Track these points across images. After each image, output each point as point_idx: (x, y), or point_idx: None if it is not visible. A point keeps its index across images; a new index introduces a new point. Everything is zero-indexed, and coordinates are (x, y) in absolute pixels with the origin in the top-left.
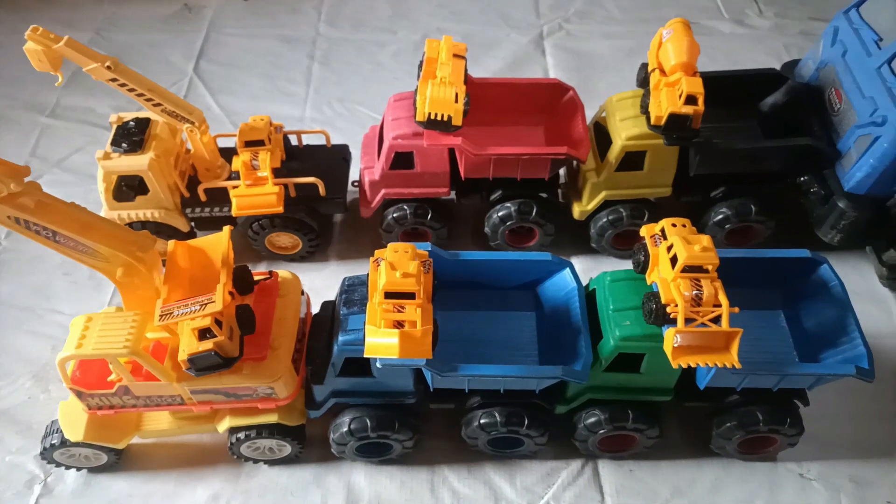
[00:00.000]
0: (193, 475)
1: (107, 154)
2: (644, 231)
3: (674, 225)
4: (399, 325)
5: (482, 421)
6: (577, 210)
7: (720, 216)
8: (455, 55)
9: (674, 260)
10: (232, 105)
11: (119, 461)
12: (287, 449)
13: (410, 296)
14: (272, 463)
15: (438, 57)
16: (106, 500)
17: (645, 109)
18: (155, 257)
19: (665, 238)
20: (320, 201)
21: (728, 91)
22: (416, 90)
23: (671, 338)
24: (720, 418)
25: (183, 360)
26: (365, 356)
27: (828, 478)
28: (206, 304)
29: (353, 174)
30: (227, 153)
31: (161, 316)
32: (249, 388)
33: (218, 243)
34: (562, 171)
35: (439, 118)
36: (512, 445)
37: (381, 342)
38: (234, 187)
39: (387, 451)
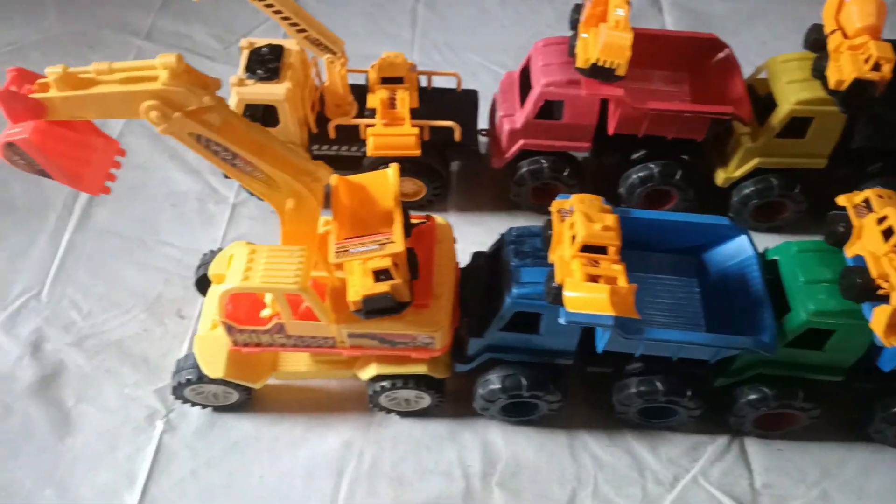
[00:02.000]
0: (322, 421)
1: (241, 80)
2: (844, 200)
3: (880, 196)
4: (593, 279)
5: (641, 388)
6: (722, 176)
7: None
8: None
9: (887, 233)
10: None
11: (249, 400)
12: (425, 401)
13: (601, 250)
14: (405, 414)
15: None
16: (230, 441)
17: (819, 73)
18: (322, 190)
19: (870, 209)
20: (454, 147)
21: None
22: (573, 35)
23: (885, 316)
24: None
25: (354, 301)
26: (569, 311)
27: None
28: (384, 244)
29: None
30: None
31: (337, 252)
32: (409, 335)
33: (380, 181)
34: None
35: (607, 65)
36: (661, 416)
37: (586, 297)
38: (369, 125)
39: (532, 411)
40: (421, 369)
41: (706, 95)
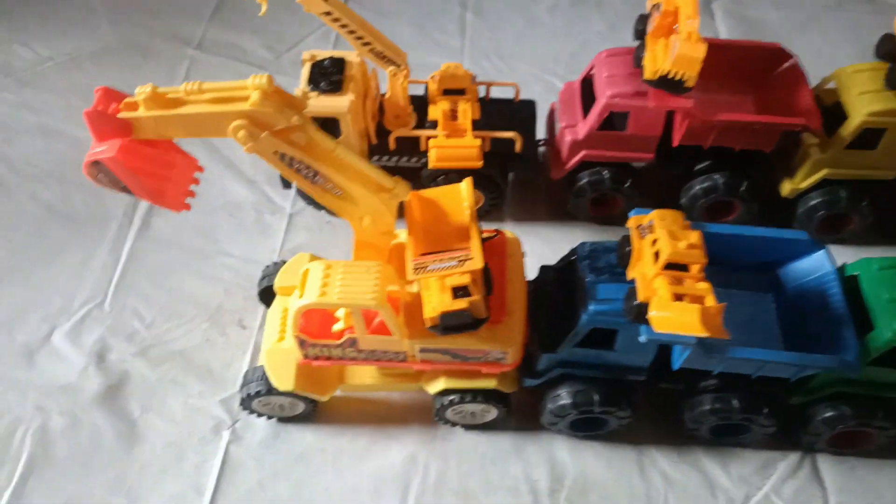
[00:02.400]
0: (386, 433)
1: (305, 93)
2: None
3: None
4: (678, 298)
5: (716, 406)
6: (788, 187)
7: None
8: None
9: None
10: None
11: (314, 412)
12: (491, 415)
13: (683, 267)
14: (469, 428)
15: (678, 10)
16: (296, 452)
17: (893, 84)
18: (397, 206)
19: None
20: (514, 158)
21: None
22: (639, 45)
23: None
24: None
25: (431, 318)
26: (657, 332)
27: None
28: (463, 261)
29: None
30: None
31: (416, 269)
32: (482, 351)
33: (453, 195)
34: None
35: (676, 77)
36: (733, 433)
37: (676, 317)
38: (431, 137)
39: (600, 426)
40: (490, 384)
41: (771, 106)
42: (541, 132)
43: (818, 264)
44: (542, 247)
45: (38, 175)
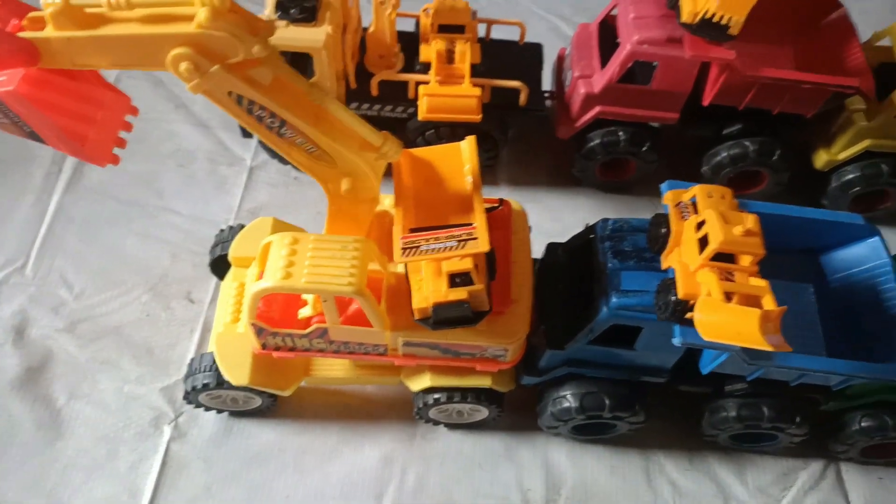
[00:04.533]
0: (357, 431)
1: (271, 21)
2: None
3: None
4: (727, 297)
5: (743, 412)
6: (824, 158)
7: None
8: None
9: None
10: None
11: (273, 406)
12: (481, 415)
13: (728, 257)
14: (453, 427)
15: None
16: (251, 452)
17: None
18: (384, 168)
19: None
20: (517, 112)
21: None
22: None
23: None
24: None
25: (421, 309)
26: (705, 339)
27: None
28: (465, 241)
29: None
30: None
31: (405, 250)
32: (479, 346)
33: (451, 155)
34: None
35: (722, 21)
36: (756, 440)
37: (729, 324)
38: (422, 83)
39: (607, 430)
40: (484, 382)
41: (815, 62)
42: (546, 83)
43: (871, 253)
44: (541, 216)
45: None
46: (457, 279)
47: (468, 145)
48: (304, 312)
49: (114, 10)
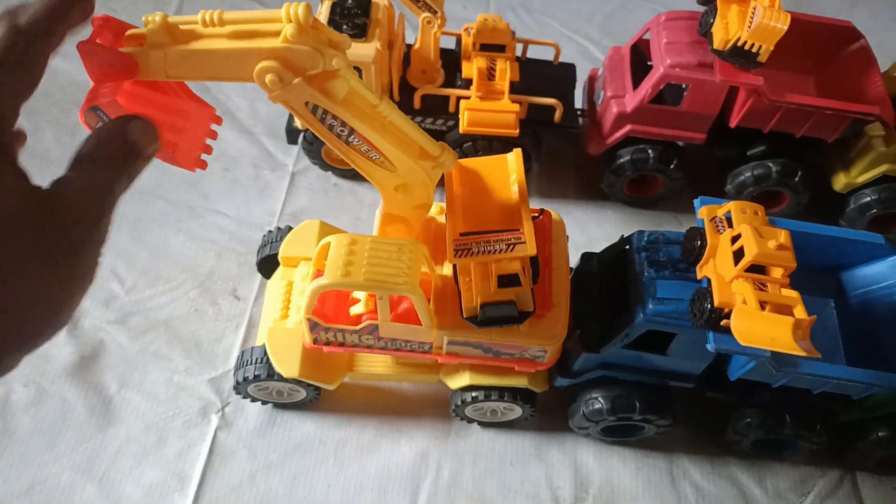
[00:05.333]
0: (395, 426)
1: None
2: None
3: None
4: (761, 306)
5: (765, 420)
6: (843, 181)
7: None
8: None
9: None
10: None
11: (316, 400)
12: (514, 414)
13: (760, 269)
14: (486, 425)
15: None
16: (294, 443)
17: None
18: (439, 177)
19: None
20: (551, 128)
21: None
22: (708, 9)
23: None
24: None
25: (471, 308)
26: (742, 344)
27: None
28: (513, 245)
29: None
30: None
31: (457, 251)
32: (520, 347)
33: (498, 166)
34: None
35: (754, 49)
36: (777, 447)
37: (763, 330)
38: (463, 97)
39: (634, 432)
40: (521, 382)
41: (836, 90)
42: (577, 101)
43: (890, 271)
44: (569, 228)
45: None
46: (504, 280)
47: (514, 157)
48: (356, 310)
49: (207, 26)
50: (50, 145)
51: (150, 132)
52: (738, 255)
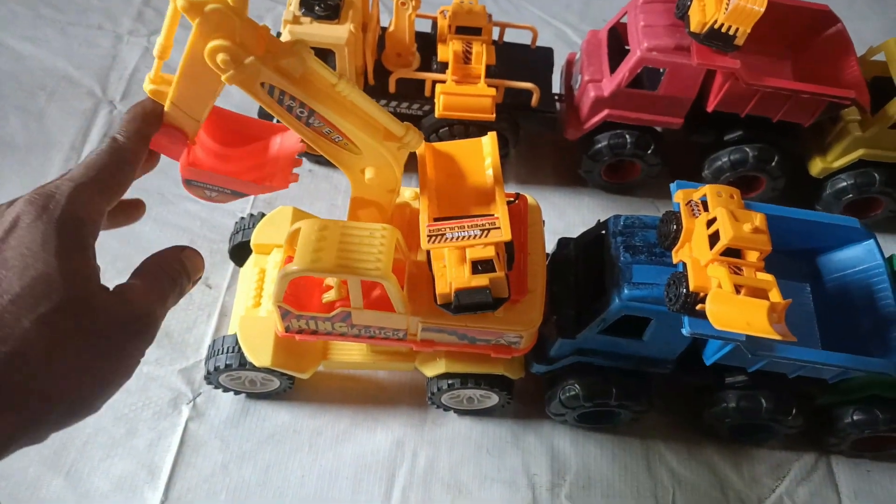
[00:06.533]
0: (370, 415)
1: (296, 17)
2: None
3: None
4: (736, 290)
5: (742, 404)
6: (820, 165)
7: None
8: None
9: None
10: None
11: (289, 389)
12: (491, 402)
13: (736, 253)
14: (463, 413)
15: None
16: (267, 432)
17: None
18: (405, 158)
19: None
20: (528, 112)
21: None
22: None
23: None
24: None
25: (444, 294)
26: (716, 328)
27: None
28: (488, 230)
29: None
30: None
31: (430, 237)
32: (496, 333)
33: (473, 150)
34: None
35: (730, 32)
36: (753, 432)
37: (738, 314)
38: (438, 81)
39: (611, 419)
40: (497, 369)
41: (813, 75)
42: (555, 86)
43: (866, 255)
44: (547, 213)
45: None
46: (479, 266)
47: (489, 140)
48: (329, 297)
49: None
50: (16, 130)
51: (198, 260)
52: (714, 238)
